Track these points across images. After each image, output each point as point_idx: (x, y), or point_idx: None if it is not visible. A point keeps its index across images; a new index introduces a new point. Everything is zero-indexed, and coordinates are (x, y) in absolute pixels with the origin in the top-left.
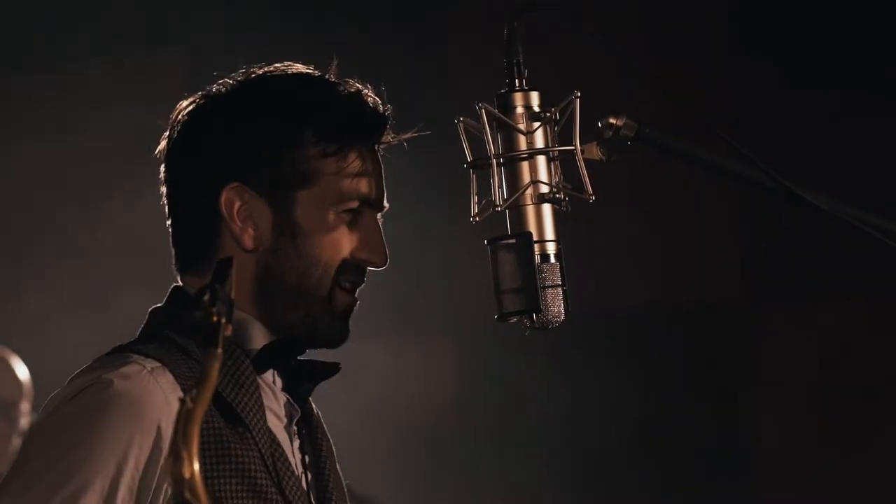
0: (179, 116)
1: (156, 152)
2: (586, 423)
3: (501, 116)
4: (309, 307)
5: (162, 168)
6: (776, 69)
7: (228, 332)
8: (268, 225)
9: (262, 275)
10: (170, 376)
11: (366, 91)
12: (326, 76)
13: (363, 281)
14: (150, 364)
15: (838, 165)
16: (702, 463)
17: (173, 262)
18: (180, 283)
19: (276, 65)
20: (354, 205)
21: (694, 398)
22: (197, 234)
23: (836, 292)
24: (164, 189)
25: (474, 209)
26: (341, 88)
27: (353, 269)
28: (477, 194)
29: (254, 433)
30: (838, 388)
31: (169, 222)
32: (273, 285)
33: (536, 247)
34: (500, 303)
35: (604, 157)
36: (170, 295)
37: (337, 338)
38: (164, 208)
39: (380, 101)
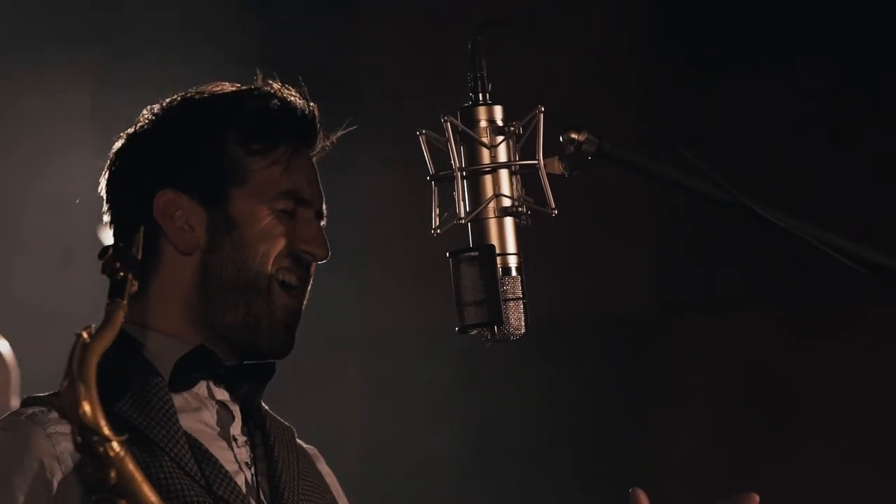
0: (113, 152)
1: (99, 191)
2: (503, 431)
3: (466, 130)
4: (249, 304)
5: (104, 206)
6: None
7: (134, 288)
8: (203, 226)
9: (202, 276)
10: (55, 414)
11: (286, 90)
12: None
13: (307, 278)
14: (31, 409)
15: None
16: (612, 471)
17: None
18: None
19: (200, 87)
20: (289, 203)
21: (606, 406)
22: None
23: (748, 303)
24: (106, 220)
25: (436, 221)
26: (261, 90)
27: (291, 260)
28: (439, 206)
29: (161, 444)
30: (749, 398)
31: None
32: (213, 284)
33: (498, 260)
34: (462, 315)
35: (565, 172)
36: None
37: (279, 345)
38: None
39: (303, 100)
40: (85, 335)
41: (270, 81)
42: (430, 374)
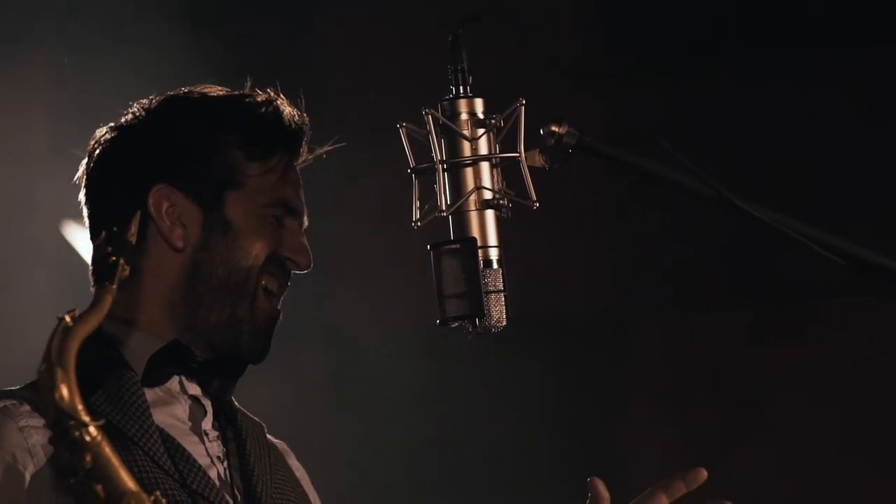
0: (97, 141)
1: (74, 179)
2: (470, 427)
3: (447, 122)
4: (235, 307)
5: (82, 192)
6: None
7: (126, 273)
8: (197, 224)
9: (191, 273)
10: (27, 407)
11: (281, 99)
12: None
13: (286, 286)
14: (2, 403)
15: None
16: (579, 467)
17: (94, 287)
18: None
19: (192, 88)
20: (279, 211)
21: (573, 404)
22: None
23: (715, 301)
24: (85, 209)
25: (416, 214)
26: (258, 97)
27: (277, 267)
28: (419, 199)
29: (134, 438)
30: (715, 395)
31: (91, 243)
32: (202, 283)
33: (479, 252)
34: (443, 308)
35: (546, 165)
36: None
37: (258, 350)
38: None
39: (297, 110)
40: (67, 318)
41: (269, 90)
42: (395, 369)
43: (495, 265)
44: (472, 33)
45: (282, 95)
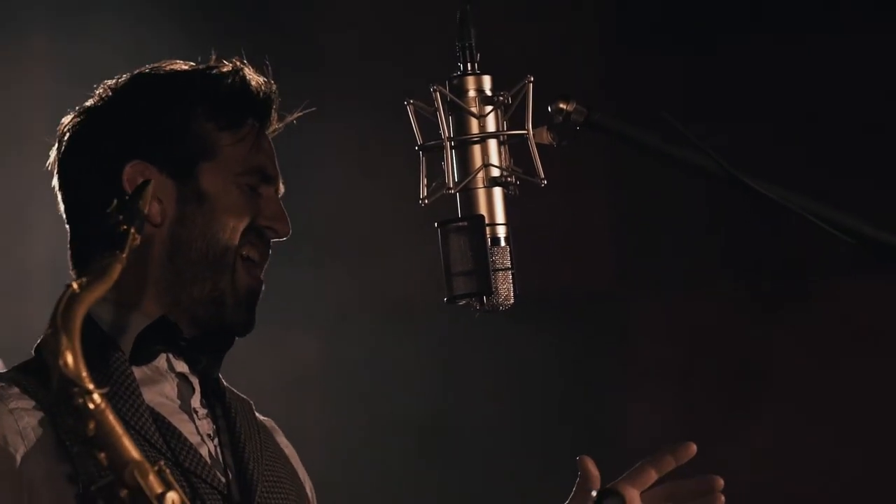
0: (66, 126)
1: (46, 165)
2: (465, 408)
3: (455, 100)
4: (216, 280)
5: (55, 177)
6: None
7: (137, 241)
8: (172, 198)
9: (170, 248)
10: (16, 389)
11: (248, 67)
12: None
13: (267, 255)
14: None
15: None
16: (575, 447)
17: (73, 271)
18: None
19: (158, 64)
20: (254, 179)
21: (570, 383)
22: (101, 222)
23: (715, 284)
24: (59, 194)
25: (423, 191)
26: (225, 68)
27: (255, 236)
28: (426, 176)
29: (126, 418)
30: (713, 374)
31: (68, 228)
32: (181, 257)
33: (487, 230)
34: (451, 285)
35: (554, 142)
36: None
37: (243, 322)
38: (63, 216)
39: (265, 78)
40: (75, 286)
41: (235, 60)
42: (388, 348)
43: (503, 243)
44: (479, 9)
45: (247, 64)
